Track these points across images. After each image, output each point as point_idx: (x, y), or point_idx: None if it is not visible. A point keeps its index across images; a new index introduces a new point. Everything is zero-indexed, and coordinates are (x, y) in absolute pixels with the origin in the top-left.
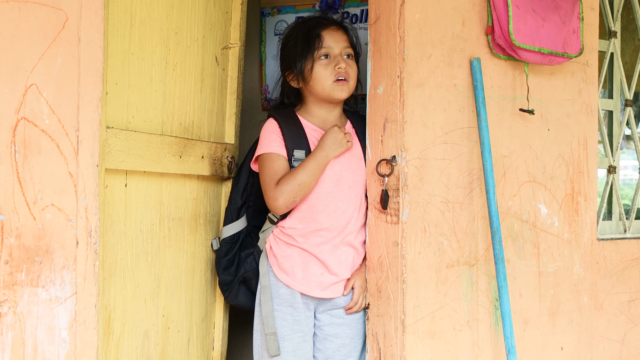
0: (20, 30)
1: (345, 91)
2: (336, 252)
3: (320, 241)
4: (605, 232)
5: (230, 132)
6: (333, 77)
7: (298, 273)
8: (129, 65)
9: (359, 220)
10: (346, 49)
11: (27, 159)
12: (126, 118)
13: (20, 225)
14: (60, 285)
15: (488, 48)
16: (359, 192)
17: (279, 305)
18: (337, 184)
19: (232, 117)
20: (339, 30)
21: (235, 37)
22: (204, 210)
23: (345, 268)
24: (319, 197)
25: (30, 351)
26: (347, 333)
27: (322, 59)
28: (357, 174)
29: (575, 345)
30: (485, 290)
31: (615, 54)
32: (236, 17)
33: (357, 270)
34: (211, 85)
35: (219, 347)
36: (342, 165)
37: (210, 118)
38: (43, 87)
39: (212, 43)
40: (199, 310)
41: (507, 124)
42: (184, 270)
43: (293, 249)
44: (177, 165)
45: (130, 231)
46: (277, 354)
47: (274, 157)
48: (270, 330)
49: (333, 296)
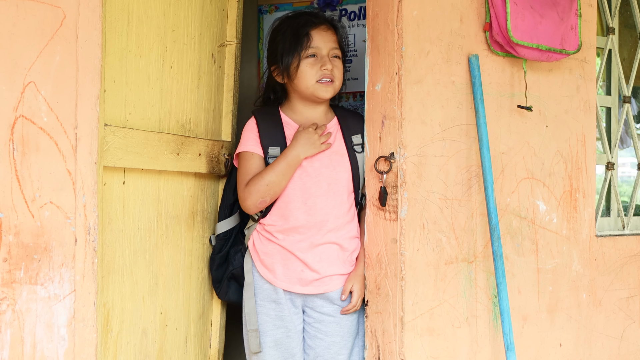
0: (18, 27)
1: (330, 91)
2: (315, 249)
3: (298, 238)
4: (603, 229)
5: (227, 130)
6: (318, 77)
7: (279, 269)
8: (127, 63)
9: (340, 217)
10: (334, 49)
11: (25, 157)
12: (124, 115)
13: (18, 223)
14: (59, 283)
15: (486, 45)
16: (340, 189)
17: (262, 301)
18: (315, 181)
19: (228, 114)
20: (329, 30)
21: (231, 34)
22: (201, 207)
23: (327, 265)
24: (295, 194)
25: (29, 349)
26: (337, 331)
27: (308, 58)
28: (338, 171)
29: (573, 342)
30: (484, 287)
31: (613, 50)
32: (232, 15)
33: (354, 272)
34: (208, 82)
35: (216, 344)
36: (321, 163)
37: (207, 115)
38: (41, 84)
39: (209, 40)
40: (197, 308)
41: (506, 121)
42: (182, 268)
43: (273, 246)
44: (175, 162)
45: (128, 229)
46: (257, 351)
47: (248, 156)
48: (252, 327)
49: (315, 292)
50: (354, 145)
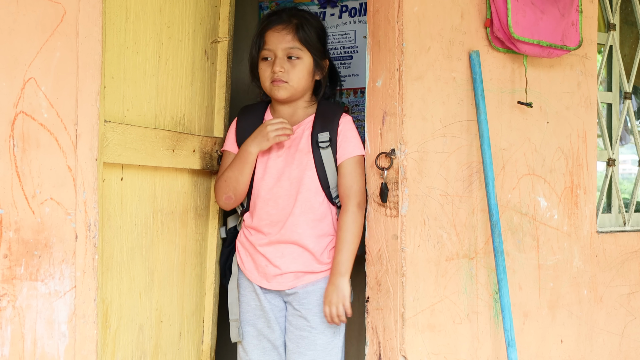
0: (18, 23)
1: (284, 93)
2: (277, 246)
3: (262, 235)
4: (604, 225)
5: (220, 126)
6: (270, 79)
7: (248, 263)
8: (125, 59)
9: (303, 215)
10: (290, 50)
11: (25, 153)
12: (122, 112)
13: (19, 219)
14: (59, 279)
15: (487, 41)
16: (302, 187)
17: (244, 290)
18: (277, 180)
19: (220, 111)
20: (285, 29)
21: (224, 31)
22: (195, 204)
23: (290, 261)
24: (259, 193)
25: (30, 345)
26: (304, 326)
27: (263, 61)
28: (301, 170)
29: (574, 338)
30: (484, 283)
31: (614, 46)
32: (225, 11)
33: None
34: (201, 79)
35: (208, 340)
36: (285, 161)
37: (200, 112)
38: (41, 80)
39: (202, 37)
40: (190, 304)
41: (506, 117)
42: (176, 264)
43: (245, 240)
44: (171, 159)
45: (126, 225)
46: (237, 340)
47: (225, 155)
48: (233, 317)
49: (280, 288)
50: (319, 143)
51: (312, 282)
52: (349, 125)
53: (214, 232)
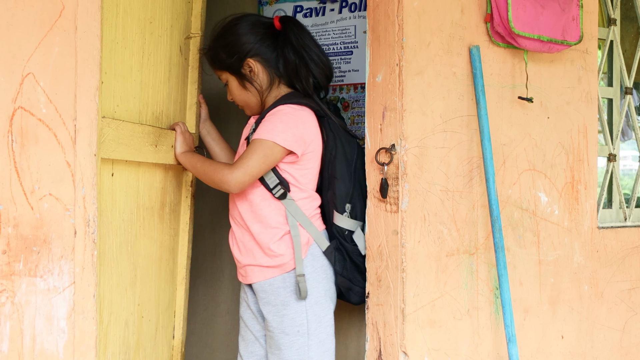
0: (16, 18)
1: (247, 111)
2: (234, 239)
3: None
4: (605, 221)
5: (191, 122)
6: None
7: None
8: (115, 55)
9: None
10: (220, 78)
11: (24, 149)
12: (112, 107)
13: (18, 215)
14: (58, 275)
15: (487, 36)
16: None
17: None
18: None
19: (192, 106)
20: (208, 61)
21: (196, 26)
22: (169, 199)
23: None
24: None
25: (29, 341)
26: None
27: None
28: None
29: (575, 334)
30: (485, 278)
31: (615, 41)
32: (197, 7)
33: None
34: (177, 74)
35: (179, 335)
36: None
37: (175, 107)
38: (40, 76)
39: (178, 33)
40: (164, 299)
41: (507, 112)
42: (154, 260)
43: None
44: (154, 154)
45: (115, 220)
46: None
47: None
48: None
49: (244, 282)
50: (251, 133)
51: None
52: (272, 115)
53: (185, 228)
